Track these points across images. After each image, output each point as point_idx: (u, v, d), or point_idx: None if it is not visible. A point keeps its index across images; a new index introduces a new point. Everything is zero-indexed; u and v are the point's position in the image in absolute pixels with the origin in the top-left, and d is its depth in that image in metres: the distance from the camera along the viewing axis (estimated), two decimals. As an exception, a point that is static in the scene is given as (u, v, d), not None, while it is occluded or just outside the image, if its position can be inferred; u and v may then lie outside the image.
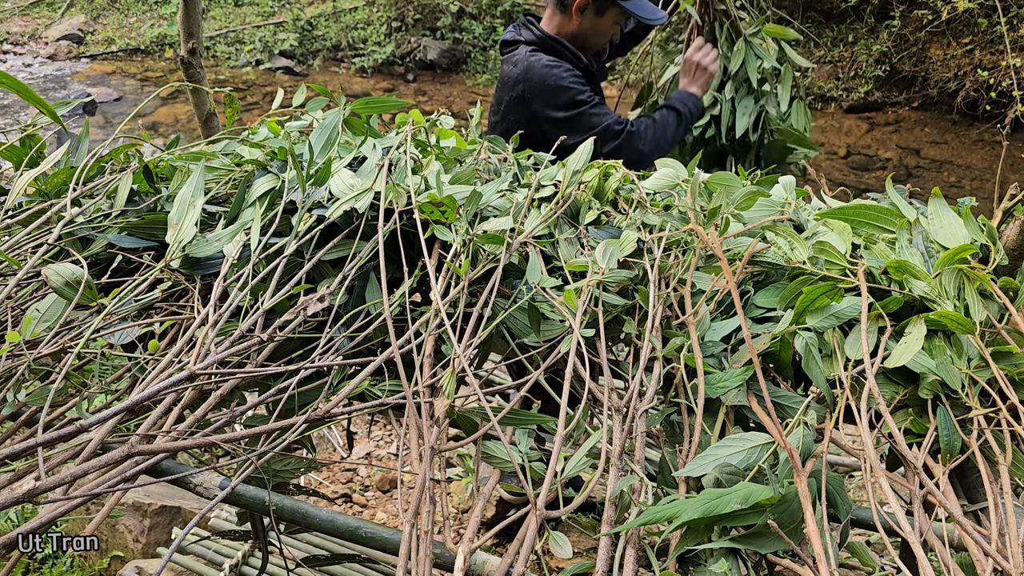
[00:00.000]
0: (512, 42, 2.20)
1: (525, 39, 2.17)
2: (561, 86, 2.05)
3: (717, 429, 1.00)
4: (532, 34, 2.16)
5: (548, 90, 2.06)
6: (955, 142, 7.64)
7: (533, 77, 2.07)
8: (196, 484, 1.00)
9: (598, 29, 2.16)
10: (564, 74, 2.06)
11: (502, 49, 2.24)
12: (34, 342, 1.06)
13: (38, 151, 1.44)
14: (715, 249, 1.12)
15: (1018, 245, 1.12)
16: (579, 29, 2.14)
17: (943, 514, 0.93)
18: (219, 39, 10.88)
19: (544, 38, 2.14)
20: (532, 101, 2.09)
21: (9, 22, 11.78)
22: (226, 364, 1.07)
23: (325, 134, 1.43)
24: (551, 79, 2.06)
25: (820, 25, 8.95)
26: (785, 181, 1.41)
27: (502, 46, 2.25)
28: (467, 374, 0.98)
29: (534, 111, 2.09)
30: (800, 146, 2.52)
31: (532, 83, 2.07)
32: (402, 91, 9.68)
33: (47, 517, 0.78)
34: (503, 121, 2.19)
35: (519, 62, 2.12)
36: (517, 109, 2.13)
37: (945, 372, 1.01)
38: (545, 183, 1.39)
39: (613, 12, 2.12)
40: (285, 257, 1.16)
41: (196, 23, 2.24)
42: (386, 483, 2.97)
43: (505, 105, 2.17)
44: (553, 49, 2.14)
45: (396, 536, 0.94)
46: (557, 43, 2.14)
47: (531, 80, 2.08)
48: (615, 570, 0.82)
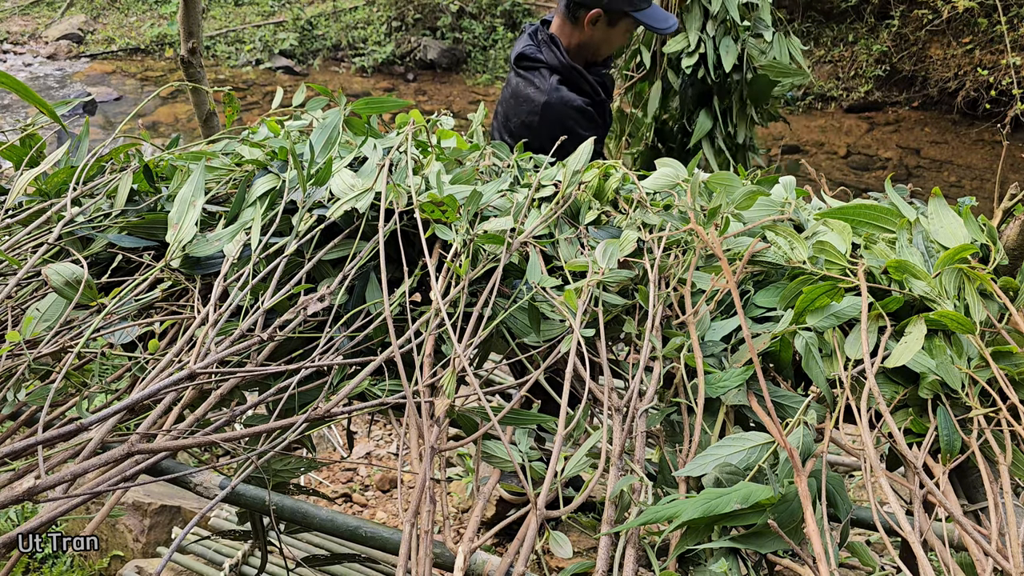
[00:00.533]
0: (533, 59, 2.11)
1: (547, 61, 2.09)
2: (575, 131, 2.01)
3: (717, 429, 1.00)
4: (555, 57, 2.09)
5: (559, 131, 1.96)
6: (955, 142, 7.64)
7: (551, 116, 2.03)
8: (196, 483, 1.00)
9: (609, 39, 2.13)
10: (581, 121, 2.03)
11: (518, 62, 2.15)
12: (34, 341, 1.06)
13: (38, 151, 1.44)
14: (715, 249, 1.12)
15: (1018, 245, 1.12)
16: (590, 40, 2.11)
17: (943, 514, 0.93)
18: (219, 39, 10.88)
19: (568, 66, 2.08)
20: (540, 132, 2.04)
21: (9, 21, 11.78)
22: (226, 363, 1.07)
23: (326, 134, 1.43)
24: (567, 120, 2.02)
25: (820, 25, 8.95)
26: (785, 181, 1.41)
27: (518, 59, 2.15)
28: (467, 374, 0.98)
29: (535, 135, 2.05)
30: (785, 78, 2.50)
31: (548, 120, 2.03)
32: (402, 91, 9.68)
33: (47, 516, 0.78)
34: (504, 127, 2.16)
35: (543, 91, 2.05)
36: (524, 132, 2.08)
37: (945, 372, 1.01)
38: (545, 183, 1.39)
39: (625, 23, 2.10)
40: (285, 257, 1.16)
41: (196, 23, 2.24)
42: (386, 483, 2.97)
43: (515, 125, 2.11)
44: (575, 81, 2.09)
45: (396, 536, 0.94)
46: (578, 74, 2.09)
47: (547, 117, 2.03)
48: (615, 570, 0.82)
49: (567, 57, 2.10)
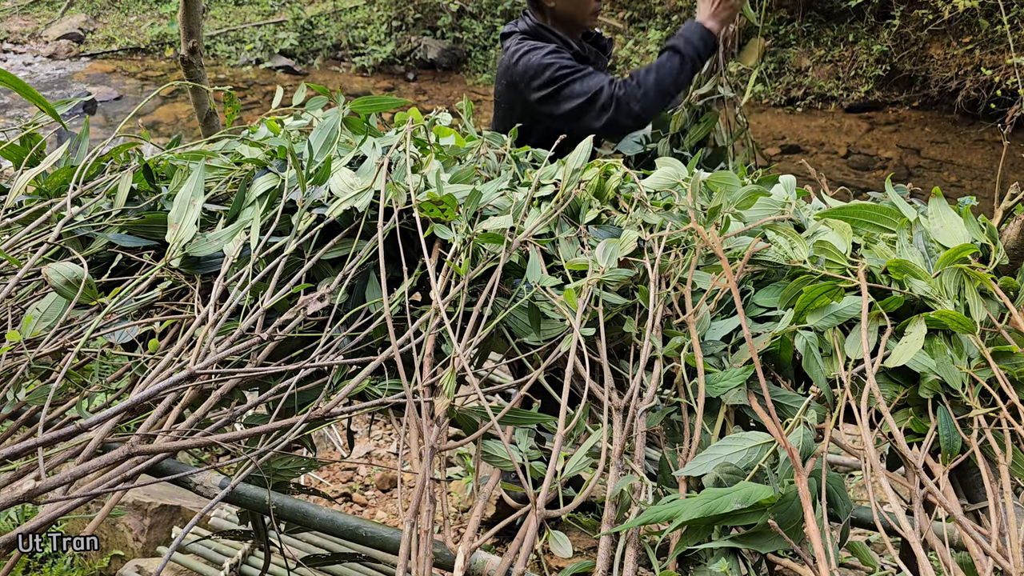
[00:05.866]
0: (509, 33, 2.25)
1: (519, 29, 2.21)
2: (541, 64, 2.06)
3: (717, 428, 1.00)
4: (526, 24, 2.21)
5: (530, 71, 2.07)
6: (955, 142, 7.64)
7: (517, 62, 2.10)
8: (196, 483, 1.00)
9: (576, 2, 2.16)
10: (544, 53, 2.07)
11: (502, 41, 2.29)
12: (34, 341, 1.06)
13: (38, 150, 1.44)
14: (715, 248, 1.12)
15: (1018, 244, 1.12)
16: (558, 11, 2.18)
17: (943, 514, 0.93)
18: (219, 38, 10.88)
19: (535, 26, 2.18)
20: (518, 85, 2.11)
21: (9, 21, 11.78)
22: (226, 363, 1.07)
23: (325, 133, 1.43)
24: (532, 60, 2.08)
25: (820, 24, 8.95)
26: (785, 180, 1.41)
27: (501, 39, 2.30)
28: (467, 373, 0.98)
29: (522, 97, 2.12)
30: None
31: (517, 68, 2.10)
32: (402, 90, 9.68)
33: (47, 516, 0.78)
34: (498, 109, 2.24)
35: (508, 49, 2.17)
36: (508, 96, 2.16)
37: (945, 372, 1.01)
38: (545, 182, 1.39)
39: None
40: (285, 256, 1.16)
41: (196, 22, 2.24)
42: (386, 482, 2.97)
43: (499, 94, 2.21)
44: (542, 36, 2.17)
45: (396, 535, 0.94)
46: (546, 30, 2.18)
47: (516, 65, 2.10)
48: (615, 569, 0.82)
49: (536, 20, 2.20)
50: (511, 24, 2.29)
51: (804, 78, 8.74)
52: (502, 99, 2.20)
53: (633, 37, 9.62)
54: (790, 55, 8.93)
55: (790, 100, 8.69)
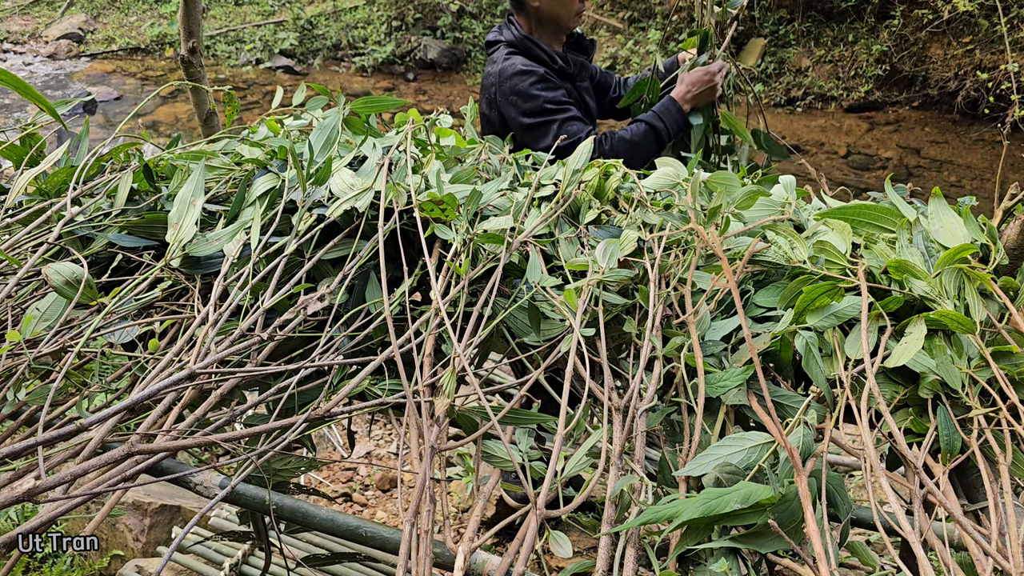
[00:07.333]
0: (495, 42, 2.25)
1: (506, 39, 2.21)
2: (529, 93, 2.08)
3: (717, 428, 1.00)
4: (512, 34, 2.20)
5: (517, 95, 2.09)
6: (955, 142, 7.64)
7: (505, 82, 2.11)
8: (196, 483, 1.00)
9: (561, 2, 2.17)
10: (534, 81, 2.09)
11: (487, 49, 2.29)
12: (34, 341, 1.06)
13: (38, 150, 1.44)
14: (715, 248, 1.12)
15: (1018, 244, 1.12)
16: (541, 13, 2.17)
17: (943, 514, 0.93)
18: (219, 38, 10.88)
19: (522, 38, 2.18)
20: (503, 104, 2.13)
21: (9, 21, 11.79)
22: (226, 363, 1.07)
23: (325, 133, 1.43)
24: (520, 85, 2.09)
25: (820, 24, 8.95)
26: (785, 181, 1.41)
27: (487, 46, 2.30)
28: (467, 373, 0.98)
29: (506, 114, 2.13)
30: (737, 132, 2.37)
31: (504, 88, 2.12)
32: (402, 90, 9.68)
33: (47, 516, 0.78)
34: (485, 119, 2.25)
35: (496, 62, 2.17)
36: (493, 109, 2.18)
37: (945, 372, 1.01)
38: (545, 182, 1.39)
39: None
40: (285, 256, 1.16)
41: (196, 22, 2.24)
42: (386, 482, 2.97)
43: (485, 105, 2.22)
44: (529, 50, 2.17)
45: (396, 535, 0.94)
46: (532, 43, 2.18)
47: (503, 84, 2.12)
48: (615, 569, 0.82)
49: (522, 31, 2.19)
50: (495, 31, 2.27)
51: (804, 78, 8.74)
52: (489, 110, 2.21)
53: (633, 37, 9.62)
54: (790, 55, 8.93)
55: (790, 100, 8.70)
